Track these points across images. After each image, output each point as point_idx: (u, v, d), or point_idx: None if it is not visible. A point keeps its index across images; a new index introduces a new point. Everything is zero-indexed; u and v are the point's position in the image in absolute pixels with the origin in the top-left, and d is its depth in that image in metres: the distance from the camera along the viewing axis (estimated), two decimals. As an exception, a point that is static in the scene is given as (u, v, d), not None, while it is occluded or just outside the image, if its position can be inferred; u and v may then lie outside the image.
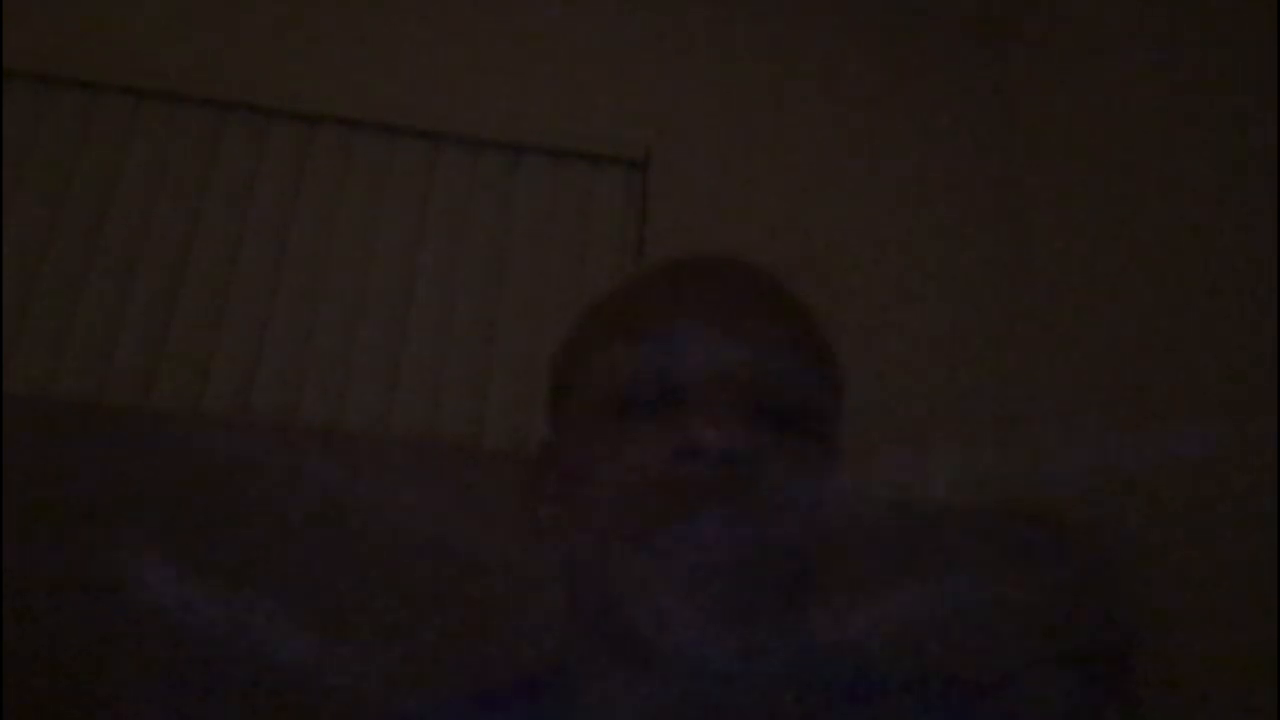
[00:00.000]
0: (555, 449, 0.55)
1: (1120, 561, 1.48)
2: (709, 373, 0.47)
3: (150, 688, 1.18)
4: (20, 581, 1.20)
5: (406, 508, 1.32)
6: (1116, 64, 1.69)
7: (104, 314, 1.65)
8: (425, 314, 1.74)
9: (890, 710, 0.52)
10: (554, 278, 1.80)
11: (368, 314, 1.73)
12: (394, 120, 1.85)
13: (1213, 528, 1.30)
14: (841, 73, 2.07)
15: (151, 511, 1.26)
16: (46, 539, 1.23)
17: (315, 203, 1.79)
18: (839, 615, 1.34)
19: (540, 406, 1.87)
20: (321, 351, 1.68)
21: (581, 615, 0.52)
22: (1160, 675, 1.36)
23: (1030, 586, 1.40)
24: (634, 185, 1.91)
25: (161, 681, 1.18)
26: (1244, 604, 1.23)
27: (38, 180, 1.72)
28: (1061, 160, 1.84)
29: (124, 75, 1.80)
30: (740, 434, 0.44)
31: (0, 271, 1.64)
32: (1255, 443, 1.25)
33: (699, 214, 1.88)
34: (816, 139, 2.00)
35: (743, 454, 0.44)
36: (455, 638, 1.26)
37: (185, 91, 1.81)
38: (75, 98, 1.79)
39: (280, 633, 1.23)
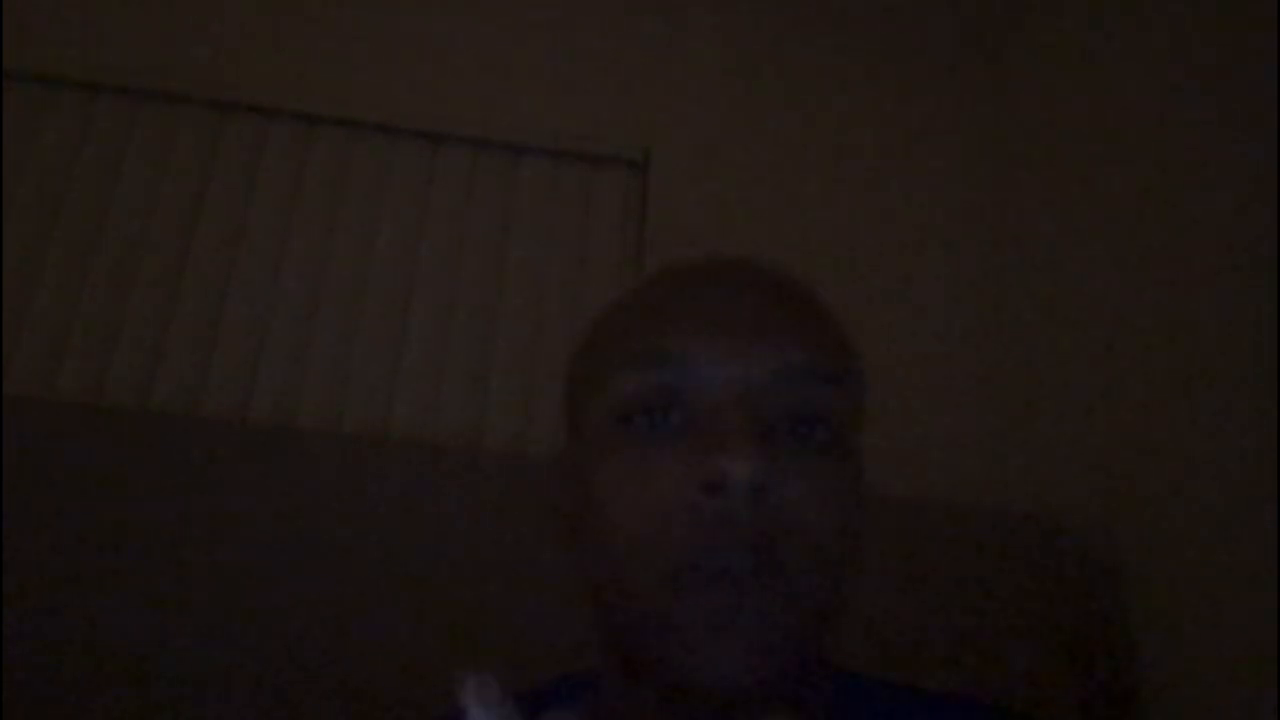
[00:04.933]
0: (572, 460, 0.53)
1: (1120, 561, 1.48)
2: (730, 394, 0.45)
3: (149, 688, 1.18)
4: (20, 581, 1.20)
5: (406, 509, 1.31)
6: (1117, 64, 1.69)
7: (104, 314, 1.65)
8: (425, 314, 1.74)
9: None
10: (554, 278, 1.80)
11: (368, 314, 1.73)
12: (394, 120, 1.85)
13: (1213, 528, 1.30)
14: (841, 73, 2.07)
15: (151, 512, 1.26)
16: (46, 539, 1.23)
17: (315, 203, 1.79)
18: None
19: (541, 408, 1.86)
20: (321, 352, 1.69)
21: (607, 637, 0.51)
22: (1160, 675, 1.36)
23: (1030, 586, 1.40)
24: (634, 185, 1.91)
25: (161, 682, 1.18)
26: (1244, 604, 1.23)
27: (38, 180, 1.72)
28: (1061, 160, 1.84)
29: (124, 75, 1.80)
30: (765, 463, 0.42)
31: (0, 271, 1.64)
32: (1255, 442, 1.25)
33: (699, 214, 1.88)
34: (816, 139, 2.00)
35: (769, 483, 0.43)
36: (454, 639, 1.25)
37: (185, 91, 1.81)
38: (75, 98, 1.80)
39: (280, 634, 1.23)
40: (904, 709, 0.53)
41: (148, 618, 1.21)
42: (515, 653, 1.25)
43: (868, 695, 0.54)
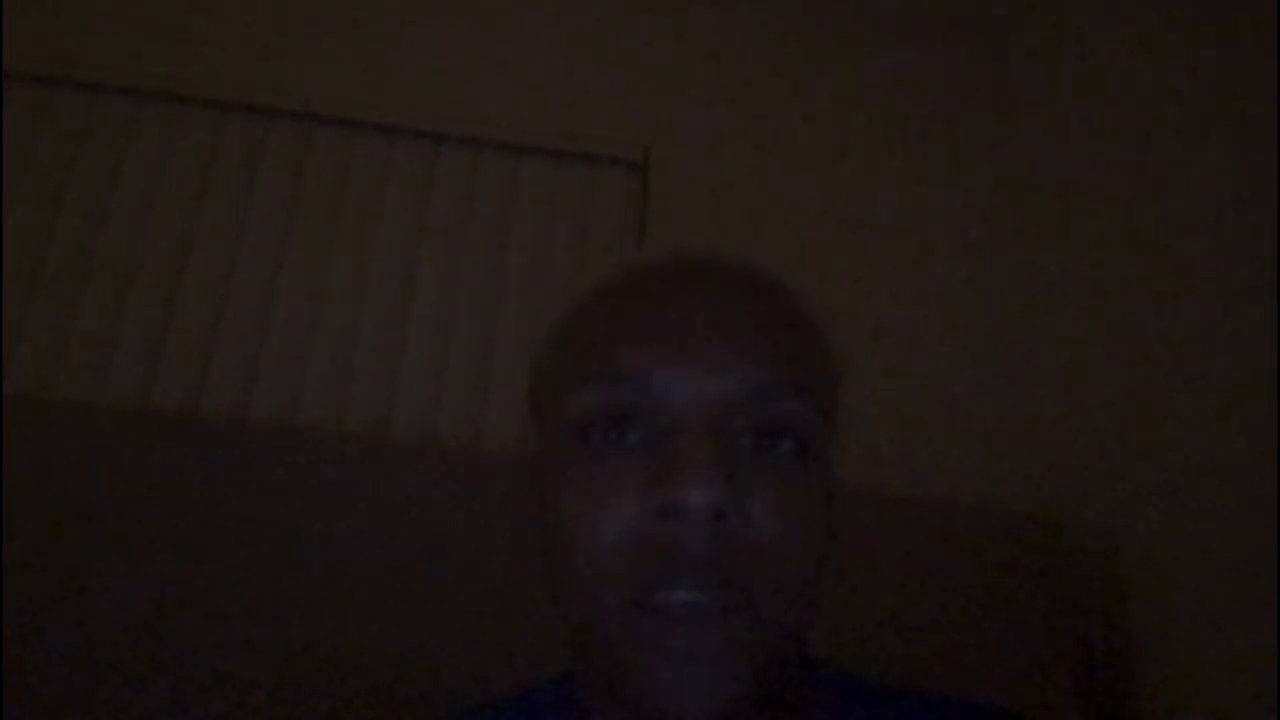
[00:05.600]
0: (537, 467, 0.51)
1: (1120, 561, 1.48)
2: (691, 414, 0.43)
3: (149, 688, 1.18)
4: (20, 582, 1.20)
5: (406, 509, 1.31)
6: (1118, 63, 1.69)
7: (104, 314, 1.65)
8: (425, 314, 1.74)
9: None
10: (554, 278, 1.80)
11: (368, 315, 1.73)
12: (394, 120, 1.85)
13: (1213, 528, 1.30)
14: (840, 73, 2.07)
15: (151, 512, 1.26)
16: (46, 539, 1.23)
17: (315, 203, 1.79)
18: (838, 624, 1.34)
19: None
20: (321, 352, 1.69)
21: (574, 648, 0.49)
22: (1160, 675, 1.36)
23: (1030, 586, 1.40)
24: (634, 186, 1.91)
25: (160, 682, 1.18)
26: (1244, 604, 1.23)
27: (38, 180, 1.72)
28: (1063, 160, 1.84)
29: (124, 75, 1.80)
30: (724, 487, 0.40)
31: (0, 271, 1.64)
32: (1255, 443, 1.25)
33: (698, 214, 1.88)
34: (816, 139, 2.00)
35: (728, 508, 0.41)
36: (455, 639, 1.25)
37: (185, 91, 1.81)
38: (75, 98, 1.80)
39: (281, 633, 1.23)
40: (901, 710, 0.53)
41: (148, 617, 1.21)
42: (515, 653, 1.25)
43: (863, 696, 0.54)
